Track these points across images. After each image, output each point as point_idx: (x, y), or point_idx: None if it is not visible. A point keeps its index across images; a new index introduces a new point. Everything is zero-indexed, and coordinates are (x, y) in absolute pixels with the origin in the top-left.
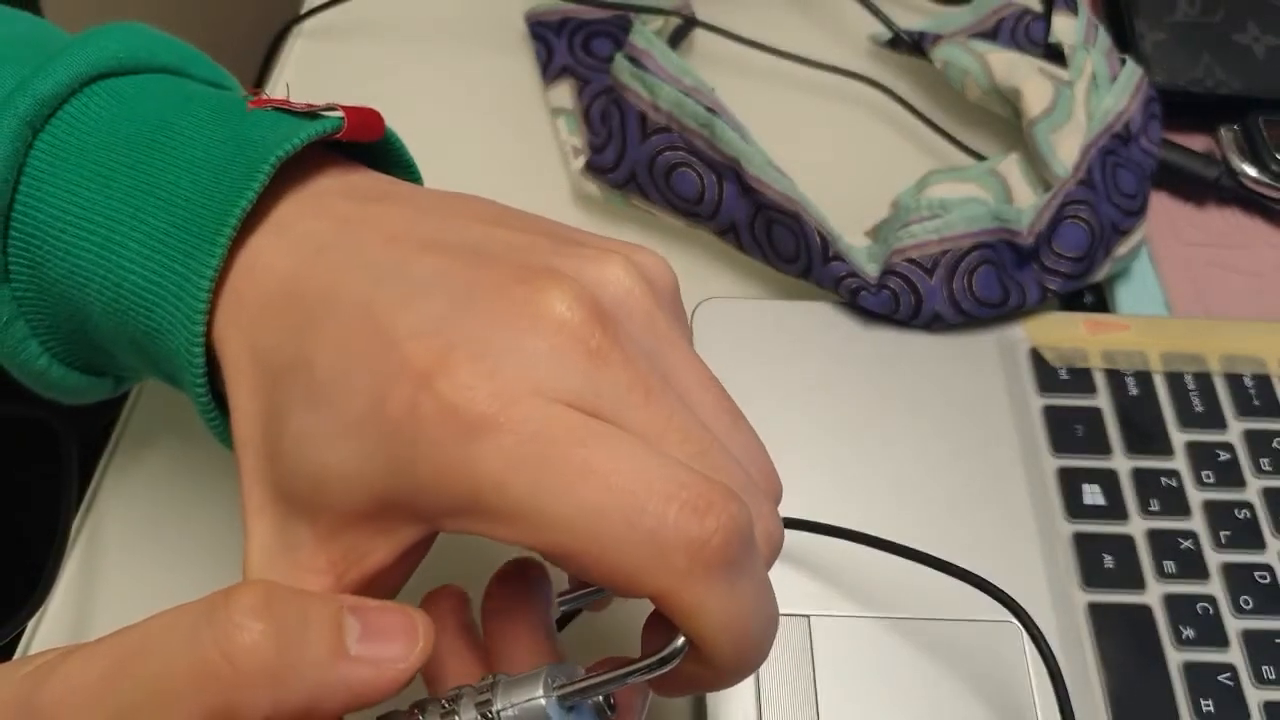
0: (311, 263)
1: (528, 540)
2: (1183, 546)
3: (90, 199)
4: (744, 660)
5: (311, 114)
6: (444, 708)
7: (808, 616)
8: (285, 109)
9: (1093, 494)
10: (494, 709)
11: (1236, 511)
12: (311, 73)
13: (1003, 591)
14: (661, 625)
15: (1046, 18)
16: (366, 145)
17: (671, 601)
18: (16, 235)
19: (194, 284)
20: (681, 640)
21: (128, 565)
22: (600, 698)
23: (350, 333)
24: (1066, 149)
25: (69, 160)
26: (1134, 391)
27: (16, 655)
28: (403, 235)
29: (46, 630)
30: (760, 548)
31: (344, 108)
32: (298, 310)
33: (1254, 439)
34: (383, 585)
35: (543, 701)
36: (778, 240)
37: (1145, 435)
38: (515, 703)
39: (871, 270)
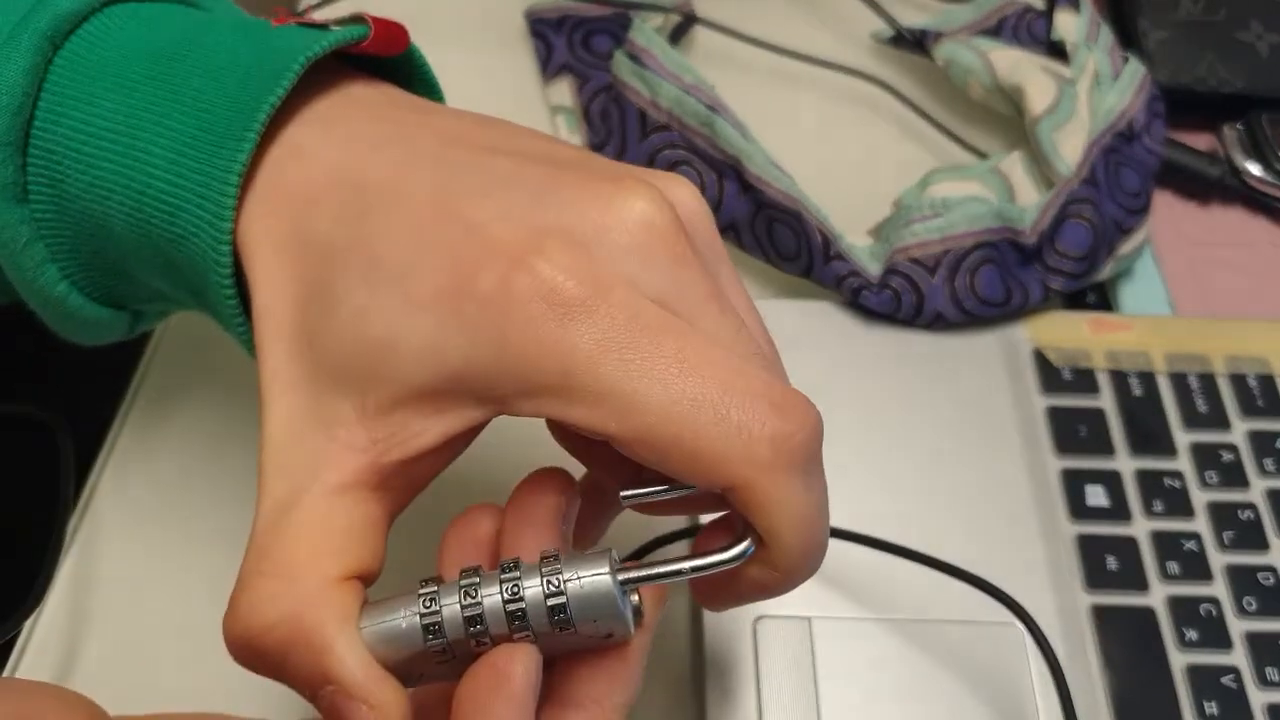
0: (368, 156)
1: (611, 424)
2: (1186, 548)
3: (112, 110)
4: (807, 560)
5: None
6: (505, 571)
7: (809, 618)
8: (310, 24)
9: (1096, 495)
10: (561, 578)
11: (1240, 513)
12: None
13: (1005, 593)
14: (718, 534)
15: (1049, 15)
16: (391, 70)
17: (752, 493)
18: (36, 152)
19: (221, 180)
20: (749, 539)
21: (124, 566)
22: (636, 600)
23: (423, 217)
24: (1069, 147)
25: (90, 74)
26: (1137, 392)
27: (13, 656)
28: (464, 140)
29: (43, 632)
30: None
31: (371, 18)
32: (356, 198)
33: (1258, 440)
34: (421, 471)
35: (609, 578)
36: (779, 239)
37: (1149, 436)
38: (583, 575)
39: (873, 269)
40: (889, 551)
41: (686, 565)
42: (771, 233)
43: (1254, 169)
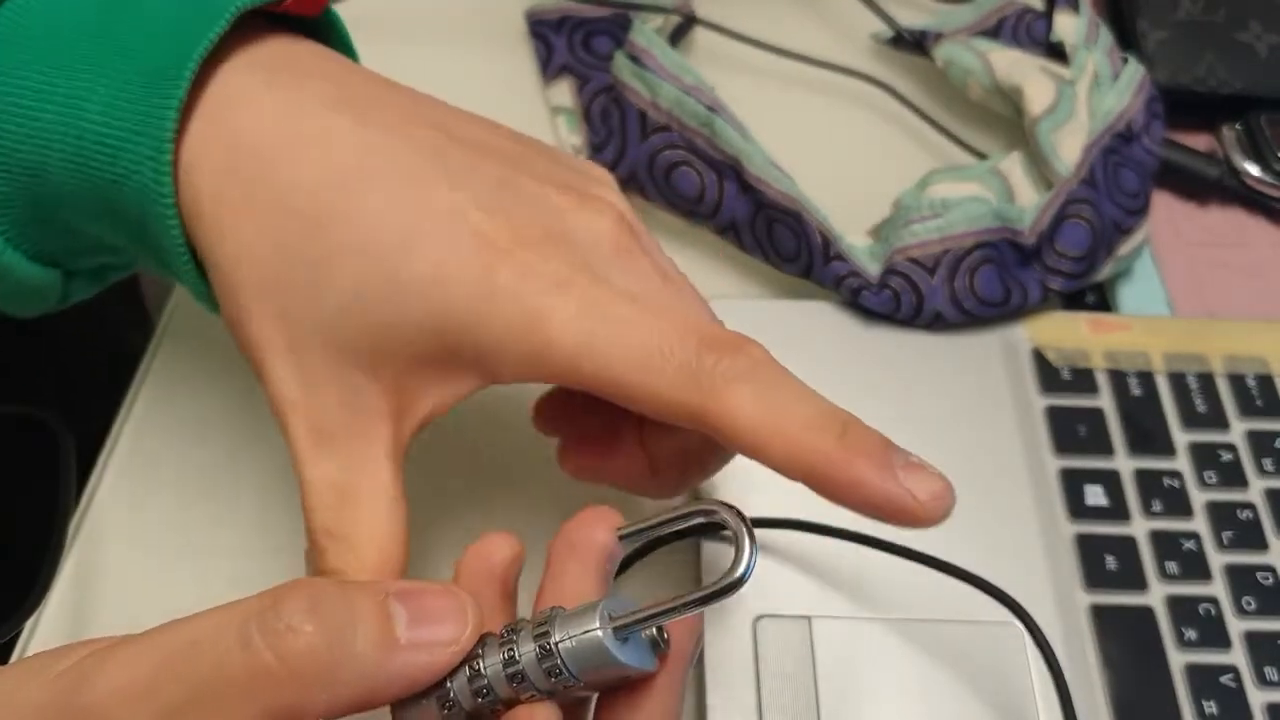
0: (328, 117)
1: (584, 378)
2: (1185, 547)
3: (51, 66)
4: (799, 450)
5: None
6: (503, 637)
7: (809, 618)
8: None
9: (1095, 495)
10: (552, 640)
11: (1239, 512)
12: None
13: (1004, 593)
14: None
15: (1048, 16)
16: (312, 31)
17: (710, 415)
18: None
19: (159, 115)
20: (743, 568)
21: (124, 566)
22: (655, 631)
23: (407, 199)
24: (1068, 148)
25: (26, 32)
26: (1136, 392)
27: (13, 656)
28: (416, 117)
29: (44, 632)
30: None
31: None
32: (329, 163)
33: (1256, 439)
34: (422, 430)
35: (599, 633)
36: (778, 239)
37: (1148, 435)
38: (572, 634)
39: (873, 270)
40: (889, 551)
41: (676, 603)
42: (771, 233)
43: (1253, 169)
